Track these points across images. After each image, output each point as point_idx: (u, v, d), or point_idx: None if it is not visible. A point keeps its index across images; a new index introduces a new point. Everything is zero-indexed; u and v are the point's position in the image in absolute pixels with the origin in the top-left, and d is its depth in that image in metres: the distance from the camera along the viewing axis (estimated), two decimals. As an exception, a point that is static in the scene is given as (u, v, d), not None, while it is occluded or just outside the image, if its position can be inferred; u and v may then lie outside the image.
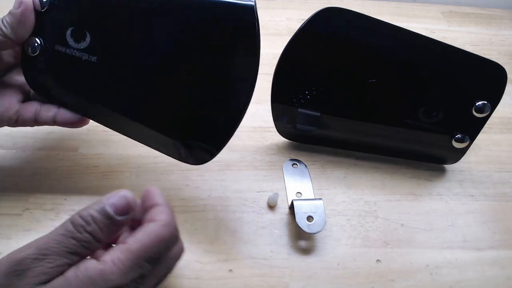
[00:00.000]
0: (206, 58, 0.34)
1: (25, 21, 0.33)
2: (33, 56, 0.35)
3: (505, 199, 0.43)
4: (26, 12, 0.33)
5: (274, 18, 0.64)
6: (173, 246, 0.29)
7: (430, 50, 0.39)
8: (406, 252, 0.39)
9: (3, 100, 0.36)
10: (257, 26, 0.32)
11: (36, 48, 0.35)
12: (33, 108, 0.36)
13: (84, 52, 0.35)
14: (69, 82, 0.37)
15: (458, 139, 0.41)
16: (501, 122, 0.52)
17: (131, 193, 0.27)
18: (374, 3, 0.71)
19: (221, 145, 0.36)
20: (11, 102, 0.36)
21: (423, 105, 0.40)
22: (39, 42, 0.35)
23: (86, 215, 0.25)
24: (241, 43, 0.33)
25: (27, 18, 0.33)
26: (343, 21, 0.38)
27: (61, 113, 0.37)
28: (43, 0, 0.34)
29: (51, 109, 0.37)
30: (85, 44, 0.35)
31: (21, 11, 0.33)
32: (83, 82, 0.36)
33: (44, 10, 0.34)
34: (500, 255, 0.39)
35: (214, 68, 0.35)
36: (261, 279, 0.36)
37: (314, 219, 0.37)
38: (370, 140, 0.44)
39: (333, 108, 0.42)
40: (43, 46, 0.35)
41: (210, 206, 0.40)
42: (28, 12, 0.33)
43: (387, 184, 0.44)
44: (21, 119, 0.36)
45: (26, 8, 0.33)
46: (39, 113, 0.36)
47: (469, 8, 0.71)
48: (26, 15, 0.33)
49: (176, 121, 0.36)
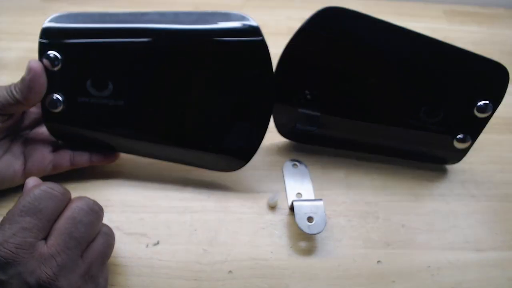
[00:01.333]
0: (225, 82, 0.38)
1: (35, 86, 0.35)
2: (56, 112, 0.37)
3: (507, 200, 0.43)
4: (36, 77, 0.34)
5: (275, 17, 0.64)
6: (91, 215, 0.30)
7: (431, 50, 0.39)
8: (407, 253, 0.38)
9: (35, 155, 0.38)
10: (267, 53, 0.36)
11: (58, 104, 0.36)
12: (67, 155, 0.39)
13: (109, 98, 0.37)
14: (99, 126, 0.38)
15: (459, 139, 0.41)
16: (503, 122, 0.52)
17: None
18: (375, 2, 0.70)
19: (252, 152, 0.40)
20: (44, 154, 0.38)
21: (424, 105, 0.40)
22: (60, 98, 0.36)
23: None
24: (255, 67, 0.37)
25: (36, 83, 0.35)
26: (344, 21, 0.38)
27: (95, 154, 0.40)
28: (54, 60, 0.35)
29: (85, 152, 0.40)
30: (109, 92, 0.37)
31: (30, 78, 0.34)
32: (114, 123, 0.38)
33: (57, 68, 0.35)
34: (501, 256, 0.39)
35: (234, 90, 0.38)
36: (261, 280, 0.36)
37: (314, 220, 0.37)
38: (370, 140, 0.44)
39: (333, 108, 0.42)
40: (65, 101, 0.36)
41: (210, 206, 0.40)
42: (37, 77, 0.34)
43: (388, 185, 0.44)
44: (59, 168, 0.39)
45: (35, 74, 0.34)
46: (74, 158, 0.39)
47: (471, 7, 0.71)
48: (36, 80, 0.34)
49: (212, 138, 0.39)
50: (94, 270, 0.30)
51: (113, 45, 0.36)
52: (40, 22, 0.35)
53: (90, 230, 0.30)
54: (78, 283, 0.28)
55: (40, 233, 0.28)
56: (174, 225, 0.39)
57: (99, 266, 0.30)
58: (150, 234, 0.38)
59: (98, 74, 0.36)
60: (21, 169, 0.37)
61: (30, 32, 0.37)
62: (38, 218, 0.28)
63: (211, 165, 0.41)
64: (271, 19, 0.64)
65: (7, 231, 0.27)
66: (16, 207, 0.28)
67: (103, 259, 0.31)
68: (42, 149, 0.39)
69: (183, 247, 0.37)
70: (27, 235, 0.27)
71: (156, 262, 0.36)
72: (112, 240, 0.32)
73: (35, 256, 0.27)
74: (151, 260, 0.36)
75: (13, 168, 0.37)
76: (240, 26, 0.35)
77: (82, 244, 0.29)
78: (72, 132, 0.39)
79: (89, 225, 0.29)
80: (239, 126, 0.39)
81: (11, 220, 0.28)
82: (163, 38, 0.36)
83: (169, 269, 0.36)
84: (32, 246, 0.27)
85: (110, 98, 0.37)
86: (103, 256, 0.31)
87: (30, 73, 0.34)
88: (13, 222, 0.28)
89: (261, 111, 0.39)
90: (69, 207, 0.30)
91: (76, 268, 0.28)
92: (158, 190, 0.41)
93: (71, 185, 0.41)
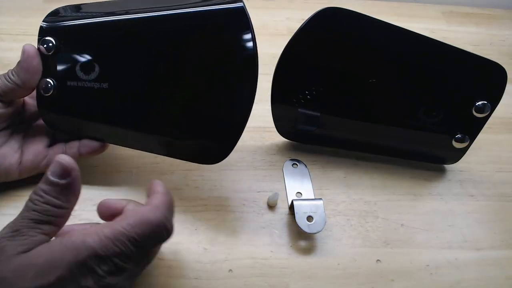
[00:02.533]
0: (207, 64, 0.36)
1: (29, 67, 0.36)
2: (47, 96, 0.37)
3: (505, 199, 0.43)
4: (29, 59, 0.35)
5: (274, 18, 0.64)
6: (160, 235, 0.29)
7: (430, 50, 0.39)
8: (406, 252, 0.39)
9: (32, 149, 0.38)
10: (250, 25, 0.34)
11: (50, 89, 0.37)
12: (59, 149, 0.39)
13: (95, 81, 0.37)
14: (86, 112, 0.38)
15: (458, 139, 0.41)
16: (501, 122, 0.52)
17: (67, 157, 0.28)
18: (374, 3, 0.71)
19: (232, 144, 0.37)
20: (40, 150, 0.39)
21: (423, 105, 0.40)
22: (52, 82, 0.37)
23: (37, 189, 0.28)
24: (237, 45, 0.35)
25: (31, 64, 0.36)
26: (343, 21, 0.38)
27: (83, 145, 0.39)
28: (49, 44, 0.36)
29: (74, 144, 0.39)
30: (95, 74, 0.37)
31: (24, 59, 0.35)
32: (99, 108, 0.38)
33: (51, 53, 0.37)
34: (500, 255, 0.39)
35: (215, 74, 0.36)
36: (261, 279, 0.36)
37: (314, 219, 0.37)
38: (370, 140, 0.44)
39: (333, 108, 0.42)
40: (56, 85, 0.37)
41: (210, 206, 0.41)
42: (31, 59, 0.36)
43: (387, 184, 0.44)
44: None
45: (28, 55, 0.35)
46: (66, 152, 0.39)
47: (469, 8, 0.71)
48: (30, 62, 0.35)
49: (190, 127, 0.38)
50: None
51: (99, 26, 0.37)
52: (42, 22, 0.36)
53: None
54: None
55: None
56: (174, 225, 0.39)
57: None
58: (151, 233, 0.38)
59: (87, 58, 0.37)
60: (16, 163, 0.37)
61: (32, 32, 0.37)
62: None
63: (190, 155, 0.39)
64: (271, 19, 0.64)
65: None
66: (128, 229, 0.27)
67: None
68: (38, 144, 0.39)
69: (183, 246, 0.37)
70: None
71: (157, 261, 0.36)
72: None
73: None
74: (152, 259, 0.36)
75: (9, 161, 0.37)
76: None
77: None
78: (63, 119, 0.39)
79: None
80: (223, 103, 0.37)
81: (118, 239, 0.27)
82: (145, 20, 0.36)
83: (169, 268, 0.36)
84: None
85: (96, 81, 0.37)
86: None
87: (24, 55, 0.35)
88: (118, 243, 0.27)
89: (244, 84, 0.36)
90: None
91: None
92: (159, 190, 0.41)
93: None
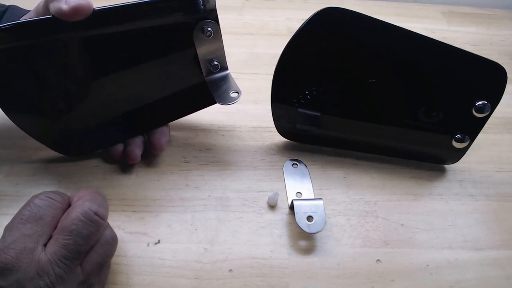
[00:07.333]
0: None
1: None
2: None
3: (505, 199, 0.43)
4: None
5: (274, 18, 0.64)
6: (90, 226, 0.30)
7: (430, 50, 0.39)
8: (406, 252, 0.39)
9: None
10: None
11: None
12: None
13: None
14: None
15: (458, 139, 0.41)
16: (501, 122, 0.52)
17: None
18: (374, 3, 0.71)
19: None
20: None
21: (423, 105, 0.40)
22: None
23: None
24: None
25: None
26: (343, 21, 0.38)
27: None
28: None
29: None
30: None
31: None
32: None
33: None
34: (500, 255, 0.39)
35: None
36: (261, 279, 0.36)
37: (314, 219, 0.37)
38: (370, 140, 0.44)
39: (333, 108, 0.42)
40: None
41: (210, 206, 0.41)
42: None
43: (387, 184, 0.44)
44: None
45: None
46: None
47: (469, 8, 0.71)
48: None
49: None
50: (92, 279, 0.30)
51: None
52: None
53: (88, 241, 0.30)
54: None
55: (41, 239, 0.28)
56: (175, 224, 0.39)
57: (96, 274, 0.31)
58: (151, 233, 0.38)
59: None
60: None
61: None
62: (38, 224, 0.29)
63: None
64: (271, 20, 0.64)
65: (7, 238, 0.28)
66: (17, 216, 0.29)
67: (101, 268, 0.31)
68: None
69: (184, 246, 0.37)
70: (27, 241, 0.28)
71: (157, 261, 0.36)
72: (112, 248, 0.32)
73: (34, 262, 0.27)
74: (152, 259, 0.36)
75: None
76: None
77: (80, 254, 0.29)
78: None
79: (87, 237, 0.29)
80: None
81: (12, 228, 0.28)
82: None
83: (170, 268, 0.36)
84: (32, 252, 0.27)
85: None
86: (101, 266, 0.31)
87: None
88: (14, 230, 0.28)
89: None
90: (69, 216, 0.29)
91: (74, 278, 0.28)
92: (159, 190, 0.41)
93: (72, 185, 0.41)
